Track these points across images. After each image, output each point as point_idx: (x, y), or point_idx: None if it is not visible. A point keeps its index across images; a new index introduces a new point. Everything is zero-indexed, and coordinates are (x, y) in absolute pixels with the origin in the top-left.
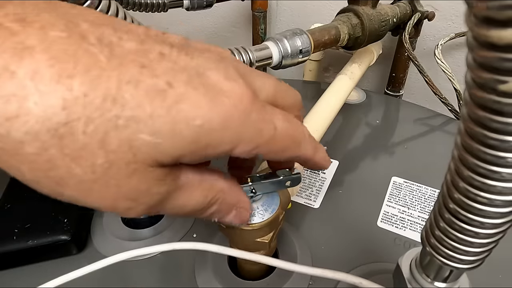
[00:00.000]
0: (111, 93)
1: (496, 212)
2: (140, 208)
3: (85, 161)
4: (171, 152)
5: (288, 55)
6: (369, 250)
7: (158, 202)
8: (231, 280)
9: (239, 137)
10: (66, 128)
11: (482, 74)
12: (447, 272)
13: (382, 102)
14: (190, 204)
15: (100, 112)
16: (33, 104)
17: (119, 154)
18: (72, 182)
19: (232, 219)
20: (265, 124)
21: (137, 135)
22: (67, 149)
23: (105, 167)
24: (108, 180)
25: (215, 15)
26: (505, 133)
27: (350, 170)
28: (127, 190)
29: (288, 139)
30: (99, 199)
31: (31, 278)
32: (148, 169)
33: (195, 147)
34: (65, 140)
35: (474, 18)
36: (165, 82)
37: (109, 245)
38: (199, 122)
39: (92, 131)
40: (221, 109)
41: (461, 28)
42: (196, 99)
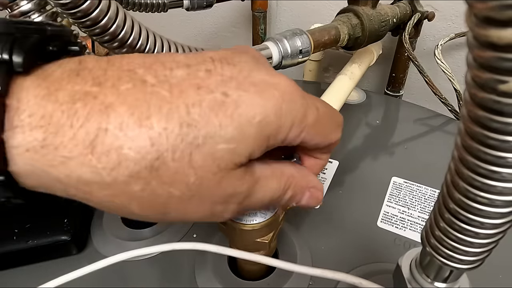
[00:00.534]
0: (184, 120)
1: (496, 212)
2: (231, 208)
3: (180, 183)
4: (244, 151)
5: (288, 55)
6: (369, 250)
7: (244, 198)
8: (231, 280)
9: (291, 122)
10: (159, 161)
11: (482, 74)
12: (447, 272)
13: (382, 102)
14: (269, 194)
15: (181, 138)
16: (128, 150)
17: (206, 168)
18: (174, 205)
19: (308, 201)
20: (309, 108)
21: (215, 147)
22: (164, 178)
23: (197, 183)
24: (202, 192)
25: (215, 15)
26: (505, 133)
27: (350, 170)
28: (218, 197)
29: (329, 121)
30: (198, 212)
31: (31, 278)
32: (230, 173)
33: (260, 141)
34: (161, 171)
35: (474, 18)
36: (221, 94)
37: (109, 245)
38: (259, 118)
39: (179, 157)
40: (273, 102)
41: (461, 28)
42: (250, 100)
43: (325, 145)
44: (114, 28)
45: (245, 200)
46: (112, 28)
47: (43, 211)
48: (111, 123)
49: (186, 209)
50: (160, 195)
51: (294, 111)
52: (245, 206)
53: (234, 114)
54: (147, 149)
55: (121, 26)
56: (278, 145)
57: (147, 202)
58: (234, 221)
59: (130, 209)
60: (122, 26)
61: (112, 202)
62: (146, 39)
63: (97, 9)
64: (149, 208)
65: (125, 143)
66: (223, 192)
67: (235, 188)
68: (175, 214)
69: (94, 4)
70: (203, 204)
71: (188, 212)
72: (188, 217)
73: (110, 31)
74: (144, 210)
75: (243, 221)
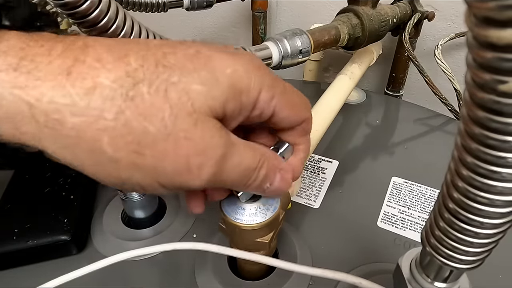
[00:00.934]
0: (160, 61)
1: (496, 212)
2: (208, 165)
3: (155, 118)
4: (218, 96)
5: (288, 55)
6: (369, 250)
7: (221, 157)
8: (231, 280)
9: (261, 83)
10: (134, 91)
11: (482, 74)
12: (447, 272)
13: (382, 102)
14: (245, 162)
15: (156, 75)
16: (104, 79)
17: (181, 105)
18: (149, 144)
19: (280, 183)
20: (275, 80)
21: (190, 86)
22: (139, 109)
23: (172, 120)
24: (178, 133)
25: (215, 15)
26: (505, 133)
27: (350, 170)
28: (195, 142)
29: (297, 95)
30: (174, 159)
31: (31, 278)
32: (207, 119)
33: (233, 92)
34: (136, 101)
35: (474, 18)
36: (195, 50)
37: (109, 245)
38: (230, 70)
39: (154, 91)
40: (243, 61)
41: (461, 28)
42: (222, 56)
43: (298, 122)
44: (114, 29)
45: (222, 161)
46: (112, 29)
47: (43, 211)
48: (89, 56)
49: (161, 155)
50: (134, 129)
51: (262, 76)
52: (222, 171)
53: (208, 63)
54: (123, 79)
55: (121, 27)
56: (251, 106)
57: (119, 136)
58: (234, 221)
59: (101, 147)
60: (122, 26)
61: (82, 137)
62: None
63: (97, 9)
64: (122, 144)
65: (101, 73)
66: (200, 137)
67: (212, 137)
68: (150, 161)
69: (94, 5)
70: (180, 150)
71: (164, 159)
72: (164, 166)
73: (110, 32)
74: (116, 148)
75: (243, 221)
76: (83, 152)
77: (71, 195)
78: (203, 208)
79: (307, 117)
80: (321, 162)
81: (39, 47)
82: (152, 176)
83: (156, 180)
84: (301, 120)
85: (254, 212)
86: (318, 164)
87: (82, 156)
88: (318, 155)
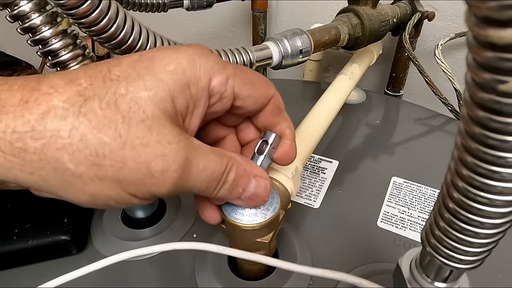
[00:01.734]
0: (106, 76)
1: (496, 212)
2: (173, 169)
3: (109, 128)
4: (165, 95)
5: (288, 55)
6: (369, 250)
7: (183, 162)
8: (231, 280)
9: (209, 69)
10: (86, 107)
11: (482, 74)
12: (447, 272)
13: (382, 102)
14: (210, 166)
15: (105, 90)
16: (57, 101)
17: (132, 113)
18: (107, 155)
19: (256, 189)
20: (226, 63)
21: (137, 94)
22: (93, 123)
23: (126, 128)
24: (134, 140)
25: (215, 15)
26: (505, 133)
27: (350, 170)
28: (153, 147)
29: (252, 72)
30: (134, 166)
31: (31, 278)
32: (162, 123)
33: (180, 86)
34: (89, 116)
35: (474, 18)
36: (138, 55)
37: (109, 245)
38: (172, 66)
39: (106, 105)
40: (186, 53)
41: (461, 28)
42: (164, 54)
43: (265, 99)
44: (114, 29)
45: (186, 166)
46: (113, 29)
47: (43, 211)
48: (44, 85)
49: (120, 160)
50: (90, 142)
51: (210, 62)
52: (188, 176)
53: (150, 65)
54: (75, 98)
55: (121, 27)
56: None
57: (77, 151)
58: (234, 221)
59: (64, 165)
60: (123, 26)
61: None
62: (147, 40)
63: (97, 9)
64: (81, 159)
65: (54, 97)
66: (156, 141)
67: (169, 142)
68: (110, 168)
69: (94, 5)
70: (137, 154)
71: (124, 165)
72: (125, 174)
73: (110, 32)
74: (77, 163)
75: (243, 221)
76: (48, 173)
77: None
78: (219, 218)
79: (272, 93)
80: (321, 162)
81: (4, 84)
82: (117, 186)
83: (124, 191)
84: (267, 97)
85: (254, 212)
86: (318, 164)
87: (48, 178)
88: (318, 155)
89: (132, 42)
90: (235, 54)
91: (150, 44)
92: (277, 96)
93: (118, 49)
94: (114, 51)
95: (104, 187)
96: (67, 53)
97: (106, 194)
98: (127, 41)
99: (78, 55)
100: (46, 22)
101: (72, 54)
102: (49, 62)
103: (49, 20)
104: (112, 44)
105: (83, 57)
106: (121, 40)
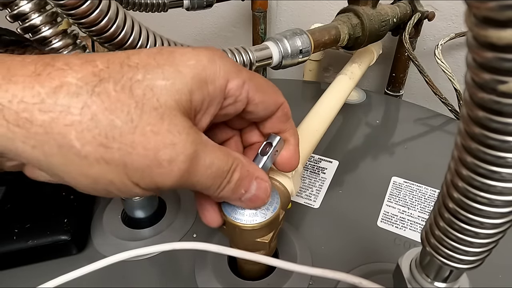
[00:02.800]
0: (124, 62)
1: (496, 212)
2: (180, 160)
3: (121, 112)
4: (183, 87)
5: (288, 55)
6: (369, 250)
7: (192, 154)
8: (231, 280)
9: (227, 71)
10: (100, 87)
11: (482, 74)
12: (447, 272)
13: (382, 102)
14: (216, 163)
15: (121, 74)
16: (71, 78)
17: (146, 100)
18: (116, 138)
19: (258, 192)
20: (242, 69)
21: (154, 82)
22: (106, 103)
23: (138, 113)
24: (145, 127)
25: (215, 15)
26: (505, 133)
27: (350, 170)
28: (163, 136)
29: (265, 81)
30: (142, 152)
31: (31, 278)
32: (174, 114)
33: (198, 82)
34: (102, 96)
35: (474, 18)
36: (158, 49)
37: (109, 245)
38: (193, 61)
39: (120, 89)
40: (206, 52)
41: (461, 28)
42: (184, 51)
43: (275, 106)
44: (114, 29)
45: (194, 158)
46: (112, 29)
47: (43, 211)
48: (59, 61)
49: (128, 145)
50: (100, 122)
51: (228, 64)
52: (194, 169)
53: (170, 57)
54: (89, 77)
55: (121, 27)
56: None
57: (86, 129)
58: (234, 221)
59: (69, 142)
60: (122, 26)
61: (50, 133)
62: (146, 40)
63: (97, 9)
64: (89, 138)
65: (68, 74)
66: (167, 130)
67: (179, 132)
68: (118, 152)
69: (94, 5)
70: (147, 141)
71: (132, 150)
72: (132, 160)
73: (110, 32)
74: (83, 142)
75: (243, 221)
76: (52, 149)
77: (71, 195)
78: (220, 221)
79: (282, 101)
80: (321, 162)
81: (17, 57)
82: (122, 172)
83: (127, 177)
84: (277, 104)
85: (254, 212)
86: (318, 164)
87: (51, 154)
88: (318, 155)
89: (132, 42)
90: (235, 54)
91: (150, 44)
92: (286, 104)
93: (118, 49)
94: (114, 51)
95: (108, 171)
96: (67, 53)
97: (109, 179)
98: (127, 41)
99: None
100: (46, 22)
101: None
102: None
103: (49, 20)
104: (112, 44)
105: None
106: (121, 40)
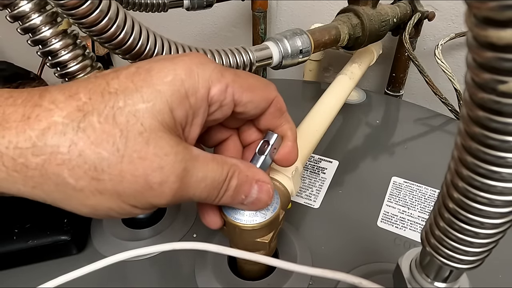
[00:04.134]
0: (105, 90)
1: (496, 212)
2: (171, 181)
3: (107, 143)
4: (163, 107)
5: (288, 55)
6: (369, 250)
7: (182, 172)
8: (231, 280)
9: (207, 78)
10: (85, 122)
11: (482, 74)
12: (447, 272)
13: (382, 102)
14: (210, 175)
15: (104, 104)
16: (57, 117)
17: (130, 127)
18: (105, 169)
19: (259, 194)
20: (225, 70)
21: (135, 107)
22: (92, 138)
23: (123, 142)
24: (131, 154)
25: (215, 15)
26: (505, 133)
27: (350, 170)
28: (150, 160)
29: (252, 77)
30: (132, 179)
31: (31, 278)
32: (158, 135)
33: (178, 97)
34: (87, 131)
35: (474, 18)
36: (135, 67)
37: (109, 245)
38: (170, 77)
39: (104, 120)
40: (183, 63)
41: (461, 28)
42: (161, 66)
43: (267, 103)
44: (115, 29)
45: (185, 176)
46: (113, 29)
47: (43, 211)
48: (45, 100)
49: (118, 174)
50: (88, 157)
51: (208, 70)
52: (187, 186)
53: (147, 77)
54: (75, 114)
55: (122, 27)
56: (205, 104)
57: (77, 166)
58: (234, 221)
59: (64, 180)
60: (123, 26)
61: (45, 174)
62: (147, 40)
63: (98, 10)
64: (81, 174)
65: (55, 112)
66: (154, 154)
67: (166, 154)
68: (109, 182)
69: (94, 5)
70: (135, 168)
71: (122, 181)
72: (124, 187)
73: (111, 32)
74: (77, 178)
75: (243, 221)
76: (51, 188)
77: None
78: (221, 223)
79: (274, 96)
80: (321, 162)
81: (9, 98)
82: (117, 199)
83: (124, 203)
84: (268, 100)
85: (254, 212)
86: (318, 164)
87: (51, 192)
88: (318, 155)
89: (133, 42)
90: (235, 54)
91: (150, 44)
92: (278, 98)
93: (118, 49)
94: (115, 51)
95: (105, 200)
96: (67, 53)
97: (107, 206)
98: (127, 41)
99: (78, 55)
100: (46, 22)
101: (72, 54)
102: (49, 62)
103: (49, 20)
104: (113, 44)
105: (83, 57)
106: (121, 40)
